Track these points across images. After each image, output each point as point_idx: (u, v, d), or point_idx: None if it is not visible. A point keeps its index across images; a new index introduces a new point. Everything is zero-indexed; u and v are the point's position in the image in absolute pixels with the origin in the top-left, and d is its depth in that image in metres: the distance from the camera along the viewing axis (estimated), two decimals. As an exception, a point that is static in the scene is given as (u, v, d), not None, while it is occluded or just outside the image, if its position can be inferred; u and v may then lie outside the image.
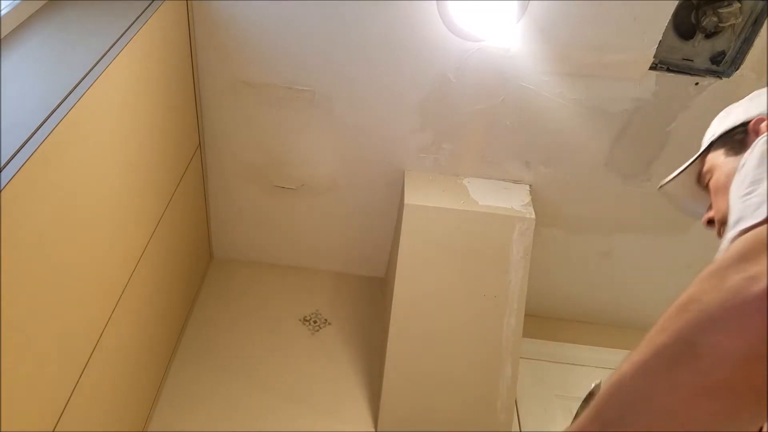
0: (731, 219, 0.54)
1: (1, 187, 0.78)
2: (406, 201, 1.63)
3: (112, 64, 1.08)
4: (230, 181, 1.85)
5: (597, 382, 1.03)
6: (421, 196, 1.66)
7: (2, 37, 1.08)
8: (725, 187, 0.69)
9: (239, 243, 2.04)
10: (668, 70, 1.50)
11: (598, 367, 1.91)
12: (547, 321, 2.04)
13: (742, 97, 0.81)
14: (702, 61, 1.50)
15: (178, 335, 1.81)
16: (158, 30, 1.29)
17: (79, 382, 1.09)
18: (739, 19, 1.42)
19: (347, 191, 1.84)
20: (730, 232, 0.52)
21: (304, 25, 1.47)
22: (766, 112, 0.73)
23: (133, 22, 1.20)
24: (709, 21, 1.41)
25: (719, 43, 1.47)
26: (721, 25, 1.42)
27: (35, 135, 0.88)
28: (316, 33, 1.48)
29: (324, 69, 1.55)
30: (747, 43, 1.46)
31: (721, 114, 0.83)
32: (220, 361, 1.77)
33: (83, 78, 1.02)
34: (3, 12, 1.09)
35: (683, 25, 1.45)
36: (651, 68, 1.49)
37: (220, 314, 1.91)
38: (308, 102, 1.62)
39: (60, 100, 0.95)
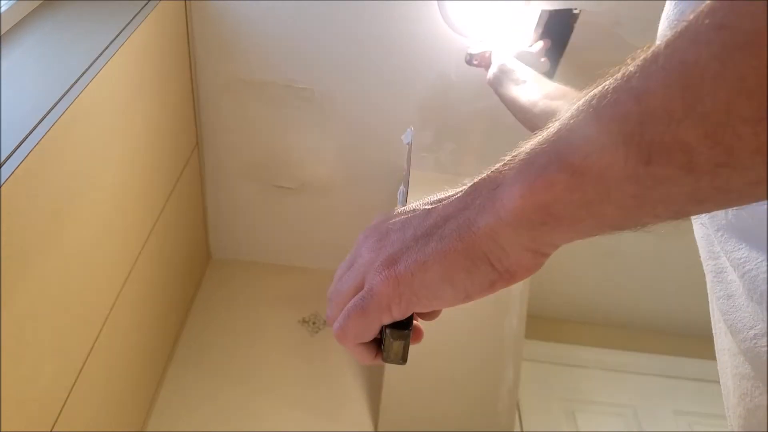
0: None
1: (-5, 186, 0.77)
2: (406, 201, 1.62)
3: (109, 63, 1.06)
4: (228, 180, 1.83)
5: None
6: (421, 196, 1.64)
7: (-3, 34, 1.07)
8: None
9: (237, 243, 2.03)
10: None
11: (603, 369, 1.90)
12: (550, 322, 2.03)
13: None
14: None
15: (176, 336, 1.80)
16: (155, 28, 1.28)
17: (76, 382, 1.08)
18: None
19: (347, 190, 1.83)
20: None
21: (303, 22, 1.46)
22: None
23: (130, 21, 1.18)
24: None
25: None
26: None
27: (31, 134, 0.87)
28: (315, 30, 1.47)
29: (323, 66, 1.54)
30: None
31: None
32: (218, 361, 1.76)
33: (80, 77, 1.00)
34: (-2, 9, 1.08)
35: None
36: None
37: (218, 315, 1.89)
38: (308, 100, 1.61)
39: (56, 99, 0.94)
